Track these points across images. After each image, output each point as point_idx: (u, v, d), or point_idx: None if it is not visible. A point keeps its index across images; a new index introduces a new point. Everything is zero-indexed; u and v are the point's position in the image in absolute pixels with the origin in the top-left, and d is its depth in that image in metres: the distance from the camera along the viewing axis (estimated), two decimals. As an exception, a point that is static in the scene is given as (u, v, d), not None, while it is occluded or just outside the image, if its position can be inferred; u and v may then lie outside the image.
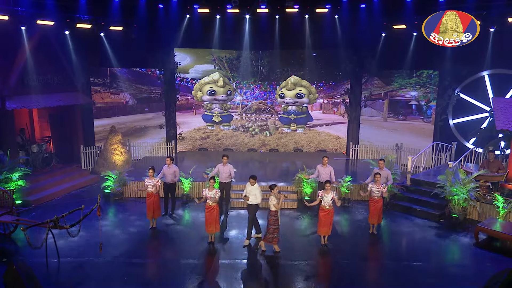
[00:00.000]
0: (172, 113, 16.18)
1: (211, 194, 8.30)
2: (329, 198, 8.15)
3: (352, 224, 9.90)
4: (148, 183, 9.26)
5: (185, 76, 16.09)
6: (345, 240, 8.83)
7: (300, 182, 11.01)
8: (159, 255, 8.12)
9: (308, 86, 16.16)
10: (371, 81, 15.76)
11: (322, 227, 8.32)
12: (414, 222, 9.86)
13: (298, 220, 10.04)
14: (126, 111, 15.80)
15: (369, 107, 16.01)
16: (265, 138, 16.72)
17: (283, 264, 7.64)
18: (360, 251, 8.39)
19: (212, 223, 8.36)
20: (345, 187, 10.98)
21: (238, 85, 16.27)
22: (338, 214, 10.25)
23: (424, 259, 7.83)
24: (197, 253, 8.04)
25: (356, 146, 15.59)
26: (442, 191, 9.85)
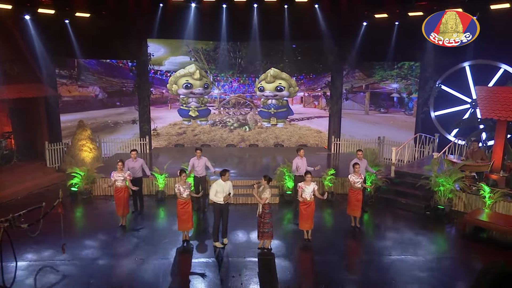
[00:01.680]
0: (145, 108, 15.52)
1: (185, 188, 7.77)
2: (310, 190, 7.78)
3: (336, 218, 9.65)
4: (118, 177, 8.63)
5: (159, 69, 15.46)
6: (328, 235, 8.54)
7: (282, 176, 10.63)
8: (129, 254, 7.51)
9: (288, 79, 15.85)
10: (352, 74, 15.61)
11: (304, 222, 7.95)
12: (400, 215, 9.67)
13: (280, 214, 9.63)
14: (96, 105, 15.01)
15: (351, 100, 15.85)
16: (244, 133, 16.31)
17: (264, 260, 7.21)
18: (345, 245, 8.13)
19: (186, 220, 7.85)
20: (328, 180, 10.67)
21: (216, 78, 15.80)
22: (321, 208, 9.98)
23: (412, 252, 7.58)
24: (170, 252, 7.53)
25: (338, 140, 15.37)
26: (428, 182, 9.67)
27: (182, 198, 7.80)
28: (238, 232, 8.44)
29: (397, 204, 10.05)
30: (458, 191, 9.54)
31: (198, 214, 9.60)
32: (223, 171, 7.64)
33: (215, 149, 15.64)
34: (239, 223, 8.99)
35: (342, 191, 11.06)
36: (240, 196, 10.48)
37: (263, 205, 7.44)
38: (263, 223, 7.48)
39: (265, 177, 7.56)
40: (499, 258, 7.36)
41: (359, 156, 9.26)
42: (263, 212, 7.46)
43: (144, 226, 8.94)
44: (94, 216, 9.66)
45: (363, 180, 8.64)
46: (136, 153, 9.51)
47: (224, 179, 7.59)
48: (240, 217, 9.41)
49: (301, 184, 7.89)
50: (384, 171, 11.06)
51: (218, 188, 7.57)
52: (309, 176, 7.84)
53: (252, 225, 8.63)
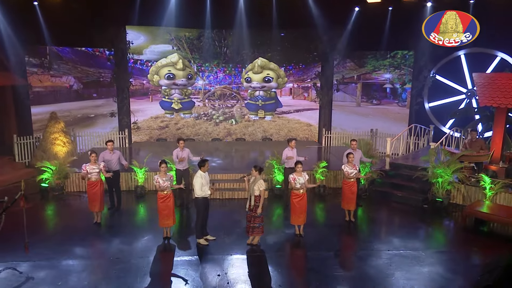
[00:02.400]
0: (125, 100, 14.96)
1: (165, 180, 7.28)
2: (301, 181, 7.42)
3: (328, 212, 9.35)
4: (91, 170, 8.06)
5: (139, 58, 14.93)
6: (321, 230, 8.20)
7: (271, 169, 10.23)
8: (104, 254, 6.98)
9: (277, 69, 15.49)
10: (343, 64, 15.34)
11: (297, 216, 7.58)
12: (396, 208, 9.41)
13: (269, 209, 9.24)
14: (71, 97, 14.35)
15: (342, 92, 15.61)
16: (230, 126, 15.89)
17: (253, 257, 6.79)
18: (340, 240, 7.81)
19: (167, 215, 7.37)
20: (320, 173, 10.31)
21: (200, 68, 15.36)
22: (313, 202, 9.67)
23: (411, 247, 7.26)
24: (150, 251, 7.03)
25: (328, 133, 15.07)
26: (425, 174, 9.40)
27: (163, 192, 7.31)
28: (223, 228, 8.00)
29: (393, 197, 9.79)
30: (457, 182, 9.28)
31: (181, 210, 9.13)
32: (203, 161, 7.17)
33: (200, 143, 15.16)
34: (226, 218, 8.62)
35: (334, 185, 10.80)
36: (226, 191, 10.07)
37: (255, 197, 7.03)
38: (253, 217, 7.08)
39: (255, 168, 7.15)
40: (503, 251, 7.11)
41: (353, 146, 8.96)
42: (254, 205, 7.04)
43: (121, 223, 8.44)
44: (66, 213, 9.10)
45: (357, 171, 8.29)
46: (112, 144, 8.95)
47: (204, 170, 7.14)
48: (227, 213, 9.06)
49: (293, 175, 7.52)
50: (378, 164, 10.78)
51: (204, 180, 7.10)
52: (299, 166, 7.50)
53: (239, 220, 8.31)
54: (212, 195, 7.39)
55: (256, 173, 7.12)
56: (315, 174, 10.35)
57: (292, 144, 9.18)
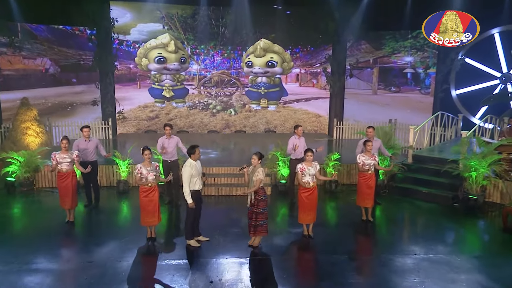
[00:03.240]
0: (109, 86, 14.54)
1: (149, 171, 6.72)
2: (312, 172, 6.87)
3: (341, 211, 8.88)
4: (62, 159, 7.51)
5: (125, 38, 14.53)
6: (334, 230, 7.74)
7: (275, 162, 9.73)
8: (76, 257, 6.47)
9: (282, 53, 15.10)
10: (358, 46, 14.98)
11: (305, 213, 7.06)
12: (421, 207, 8.93)
13: (273, 208, 8.71)
14: (46, 82, 13.93)
15: (356, 78, 15.26)
16: (229, 117, 15.50)
17: (253, 261, 6.29)
18: (355, 242, 7.33)
19: (151, 211, 6.82)
20: (331, 167, 9.78)
21: (194, 50, 15.03)
22: (323, 200, 9.18)
23: (442, 251, 6.71)
24: (130, 253, 6.53)
25: (340, 124, 14.59)
26: (456, 167, 8.87)
27: (145, 184, 6.76)
28: (219, 228, 7.50)
29: (418, 194, 9.33)
30: (494, 177, 8.73)
31: (169, 208, 8.64)
32: (192, 147, 6.61)
33: (194, 136, 14.68)
34: (222, 217, 8.18)
35: (348, 181, 10.37)
36: (223, 187, 9.58)
37: (257, 190, 6.51)
38: (256, 213, 6.56)
39: (256, 154, 6.61)
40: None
41: (369, 134, 8.42)
42: (256, 199, 6.51)
43: (98, 222, 7.97)
44: (35, 211, 8.59)
45: (376, 162, 7.72)
46: (89, 131, 8.40)
47: (195, 158, 6.58)
48: (223, 211, 8.65)
49: (301, 165, 6.98)
50: (398, 157, 10.27)
51: (193, 170, 6.53)
52: (310, 154, 6.96)
53: (237, 219, 7.85)
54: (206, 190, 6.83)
55: (257, 161, 6.60)
56: (326, 168, 9.84)
57: (299, 131, 8.67)
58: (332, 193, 9.75)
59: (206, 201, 9.01)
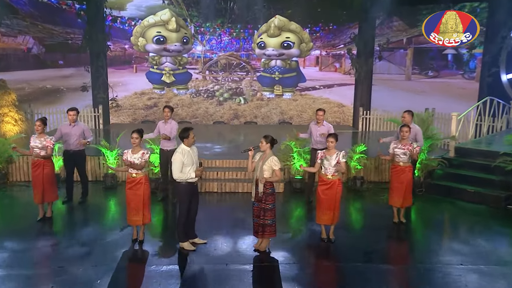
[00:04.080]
0: (101, 69, 14.33)
1: (135, 158, 6.21)
2: (332, 162, 6.31)
3: (368, 212, 8.32)
4: (34, 144, 7.09)
5: (120, 15, 14.34)
6: (359, 233, 7.20)
7: (289, 155, 9.21)
8: (45, 261, 6.04)
9: (299, 32, 14.78)
10: (389, 23, 14.57)
11: (324, 212, 6.47)
12: (465, 209, 8.32)
13: (286, 208, 8.30)
14: (29, 63, 13.77)
15: (386, 61, 14.88)
16: (238, 106, 15.21)
17: (260, 269, 5.78)
18: (385, 248, 6.75)
19: (135, 208, 6.30)
20: (356, 160, 9.19)
21: (199, 29, 14.77)
22: (347, 199, 8.64)
23: (496, 261, 6.05)
24: (111, 257, 6.05)
25: (367, 114, 14.03)
26: (510, 161, 8.33)
27: (131, 174, 6.30)
28: (219, 229, 7.02)
29: (461, 194, 8.73)
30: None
31: (164, 206, 8.21)
32: (184, 130, 6.06)
33: (198, 127, 14.10)
34: (224, 216, 7.78)
35: (376, 178, 9.85)
36: (227, 182, 9.12)
37: (265, 183, 5.98)
38: (263, 210, 6.04)
39: (266, 138, 6.05)
40: None
41: (405, 119, 7.80)
42: (264, 193, 5.98)
43: (79, 221, 7.53)
44: (6, 208, 8.24)
45: (412, 152, 7.05)
46: (75, 114, 7.92)
47: (189, 143, 6.04)
48: (226, 209, 8.27)
49: (321, 153, 6.47)
50: (438, 150, 9.75)
51: (186, 158, 5.98)
52: (331, 140, 6.38)
53: (242, 219, 7.35)
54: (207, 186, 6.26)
55: (267, 146, 6.04)
56: (350, 162, 9.24)
57: (320, 116, 8.10)
58: (357, 191, 9.19)
59: (207, 198, 8.64)
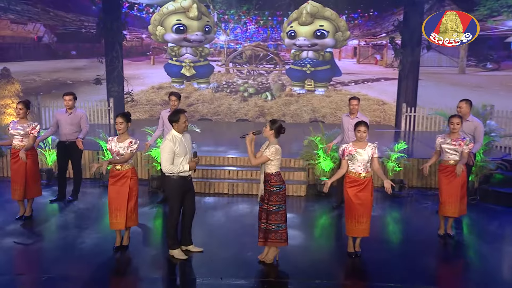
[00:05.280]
0: (115, 61, 13.97)
1: (120, 148, 5.51)
2: (365, 157, 5.37)
3: (408, 223, 7.30)
4: (15, 130, 6.51)
5: (137, 1, 13.90)
6: (393, 247, 6.23)
7: (312, 153, 8.39)
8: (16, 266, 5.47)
9: (335, 19, 13.96)
10: (440, 7, 13.37)
11: (359, 220, 5.45)
12: None
13: (308, 214, 7.48)
14: (39, 53, 13.73)
15: (435, 51, 13.91)
16: (264, 103, 14.53)
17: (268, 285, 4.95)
18: (430, 267, 5.69)
19: (117, 209, 5.57)
20: (394, 161, 8.21)
21: (222, 17, 14.19)
22: (381, 207, 7.69)
23: None
24: (90, 264, 5.39)
25: (412, 111, 13.05)
26: None
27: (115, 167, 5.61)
28: (221, 236, 6.28)
29: None
30: None
31: (163, 208, 7.47)
32: (174, 113, 5.30)
33: (220, 125, 13.72)
34: (230, 222, 6.99)
35: (419, 183, 8.83)
36: (240, 182, 8.38)
37: (270, 176, 5.15)
38: (268, 212, 5.17)
39: (272, 124, 5.21)
40: None
41: (462, 109, 6.83)
42: (268, 190, 5.14)
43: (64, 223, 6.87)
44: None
45: (466, 149, 5.98)
46: (71, 99, 7.28)
47: (179, 129, 5.25)
48: (234, 214, 7.41)
49: (350, 146, 5.46)
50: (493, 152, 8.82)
51: (178, 147, 5.18)
52: (363, 129, 5.37)
53: (251, 225, 6.45)
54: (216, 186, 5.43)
55: (270, 132, 5.18)
56: (387, 163, 8.29)
57: (354, 105, 7.17)
58: (395, 197, 8.14)
59: (214, 201, 7.86)
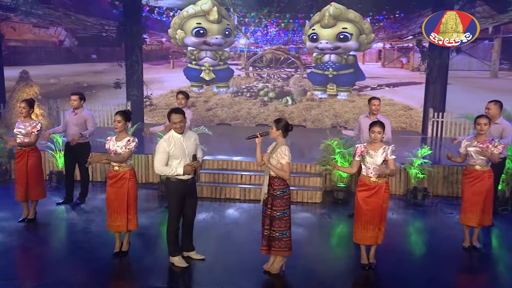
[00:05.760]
0: (135, 65, 13.76)
1: (118, 147, 5.31)
2: (378, 160, 4.98)
3: (430, 233, 6.76)
4: (17, 129, 6.45)
5: (157, 5, 13.73)
6: (415, 260, 5.73)
7: (330, 156, 8.04)
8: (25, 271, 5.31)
9: (359, 21, 13.47)
10: (470, 8, 12.72)
11: (366, 227, 5.07)
12: None
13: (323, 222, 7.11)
14: (60, 57, 13.63)
15: (465, 54, 13.33)
16: (285, 107, 14.15)
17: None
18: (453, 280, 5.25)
19: (117, 210, 5.36)
20: (417, 167, 7.73)
21: (242, 20, 13.87)
22: (404, 215, 7.27)
23: None
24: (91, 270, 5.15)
25: (439, 117, 12.45)
26: None
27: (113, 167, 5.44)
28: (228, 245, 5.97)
29: None
30: None
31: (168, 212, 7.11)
32: (169, 112, 4.98)
33: (238, 130, 13.37)
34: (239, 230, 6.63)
35: (445, 191, 8.28)
36: (252, 187, 8.02)
37: (273, 179, 4.84)
38: (272, 218, 4.86)
39: (278, 123, 4.89)
40: None
41: (491, 111, 6.45)
42: (271, 194, 4.83)
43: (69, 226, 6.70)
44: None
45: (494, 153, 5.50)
46: (77, 99, 7.19)
47: (175, 129, 4.95)
48: (243, 221, 7.06)
49: (361, 146, 5.12)
50: None
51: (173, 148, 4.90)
52: (378, 130, 4.98)
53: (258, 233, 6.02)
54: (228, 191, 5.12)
55: (278, 133, 4.85)
56: (409, 169, 7.81)
57: (376, 105, 6.87)
58: (418, 206, 7.65)
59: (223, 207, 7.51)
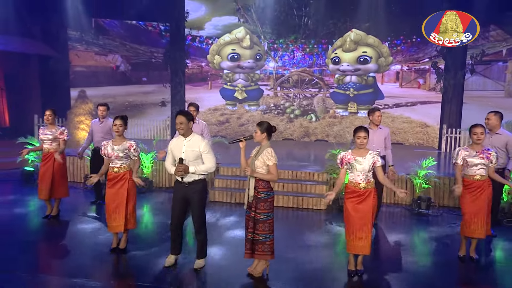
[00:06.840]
0: (179, 86, 13.47)
1: (119, 151, 4.80)
2: (365, 166, 4.21)
3: (432, 244, 5.69)
4: (44, 135, 6.09)
5: (199, 34, 13.32)
6: (405, 269, 4.74)
7: (336, 165, 7.07)
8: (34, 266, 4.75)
9: (378, 45, 12.40)
10: (484, 32, 11.51)
11: (357, 235, 4.27)
12: None
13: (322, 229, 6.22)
14: (116, 79, 13.39)
15: (480, 75, 11.84)
16: (309, 124, 13.18)
17: None
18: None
19: (116, 210, 4.82)
20: (422, 178, 6.69)
21: (272, 45, 13.15)
22: (406, 226, 6.33)
23: None
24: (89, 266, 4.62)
25: (454, 132, 11.08)
26: None
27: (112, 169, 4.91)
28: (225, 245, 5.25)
29: None
30: None
31: None
32: (176, 114, 4.38)
33: None
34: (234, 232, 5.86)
35: (451, 202, 7.14)
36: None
37: (258, 182, 4.17)
38: (255, 221, 4.17)
39: (260, 126, 4.25)
40: None
41: (490, 121, 5.77)
42: (255, 196, 4.16)
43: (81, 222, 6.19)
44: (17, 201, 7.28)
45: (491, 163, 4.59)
46: (105, 110, 6.85)
47: (180, 130, 4.35)
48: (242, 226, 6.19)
49: (347, 154, 4.33)
50: None
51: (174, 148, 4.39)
52: (363, 135, 4.23)
53: None
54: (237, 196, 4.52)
55: (262, 136, 4.18)
56: (414, 179, 6.78)
57: (376, 117, 6.05)
58: (421, 215, 6.58)
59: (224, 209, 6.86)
